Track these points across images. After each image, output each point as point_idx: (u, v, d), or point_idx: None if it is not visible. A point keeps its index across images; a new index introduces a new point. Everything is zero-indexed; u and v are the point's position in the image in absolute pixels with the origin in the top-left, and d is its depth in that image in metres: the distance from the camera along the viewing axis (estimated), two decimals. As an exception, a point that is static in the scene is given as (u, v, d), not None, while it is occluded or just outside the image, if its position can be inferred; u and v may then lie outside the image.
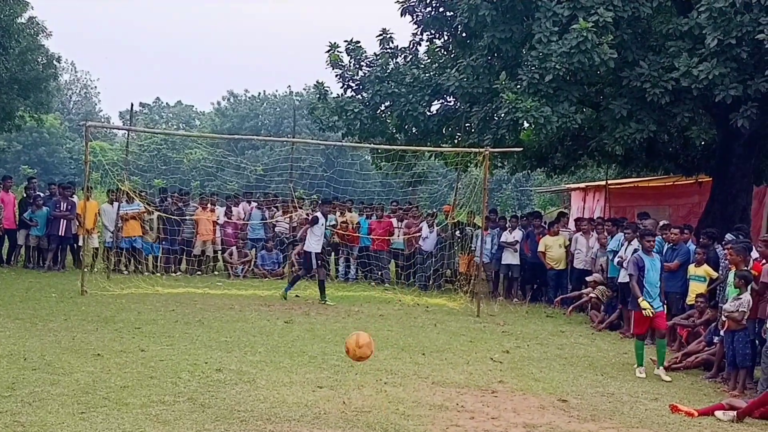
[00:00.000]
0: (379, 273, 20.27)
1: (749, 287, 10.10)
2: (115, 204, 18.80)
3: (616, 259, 14.53)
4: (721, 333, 10.47)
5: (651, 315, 10.53)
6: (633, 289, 10.79)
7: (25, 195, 19.77)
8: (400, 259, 20.43)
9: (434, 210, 21.41)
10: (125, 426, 6.84)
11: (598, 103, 17.29)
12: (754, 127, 15.70)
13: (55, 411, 7.18)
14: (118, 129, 53.13)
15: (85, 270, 16.25)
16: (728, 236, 12.06)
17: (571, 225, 19.40)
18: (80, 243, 18.30)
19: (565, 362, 11.13)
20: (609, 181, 24.36)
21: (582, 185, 27.98)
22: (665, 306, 11.61)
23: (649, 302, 10.52)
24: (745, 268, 10.38)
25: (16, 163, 59.57)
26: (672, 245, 12.96)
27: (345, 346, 7.71)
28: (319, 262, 16.21)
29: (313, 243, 16.06)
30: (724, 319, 10.23)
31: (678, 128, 16.61)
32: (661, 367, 10.61)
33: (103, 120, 73.94)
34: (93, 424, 6.86)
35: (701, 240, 13.20)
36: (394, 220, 20.70)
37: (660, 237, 13.31)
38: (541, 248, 17.88)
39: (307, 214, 20.29)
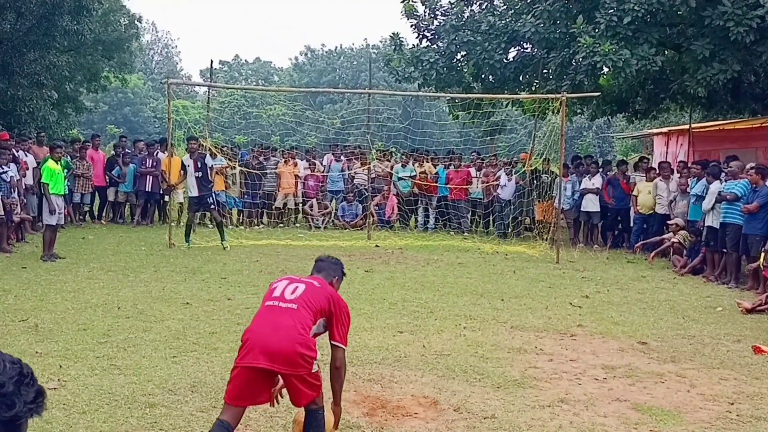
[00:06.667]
0: (458, 222, 20.35)
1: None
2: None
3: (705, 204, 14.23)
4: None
5: None
6: None
7: (114, 153, 20.46)
8: (479, 208, 20.47)
9: (512, 159, 21.29)
10: (215, 369, 7.14)
11: (679, 45, 16.84)
12: (843, 63, 15.12)
13: (148, 355, 7.54)
14: (199, 85, 53.95)
15: (172, 224, 16.79)
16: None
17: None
18: (166, 198, 18.89)
19: (645, 306, 11.08)
20: (693, 125, 23.75)
21: (665, 130, 27.30)
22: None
23: None
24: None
25: (102, 123, 61.34)
26: (754, 187, 12.65)
27: None
28: (194, 207, 16.21)
29: (190, 188, 16.01)
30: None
31: (764, 68, 16.09)
32: None
33: (184, 78, 75.26)
34: (184, 367, 7.18)
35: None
36: (472, 170, 20.68)
37: (747, 179, 13.03)
38: (635, 192, 17.62)
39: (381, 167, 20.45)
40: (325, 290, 5.12)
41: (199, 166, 15.83)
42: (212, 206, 16.36)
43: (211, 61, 19.92)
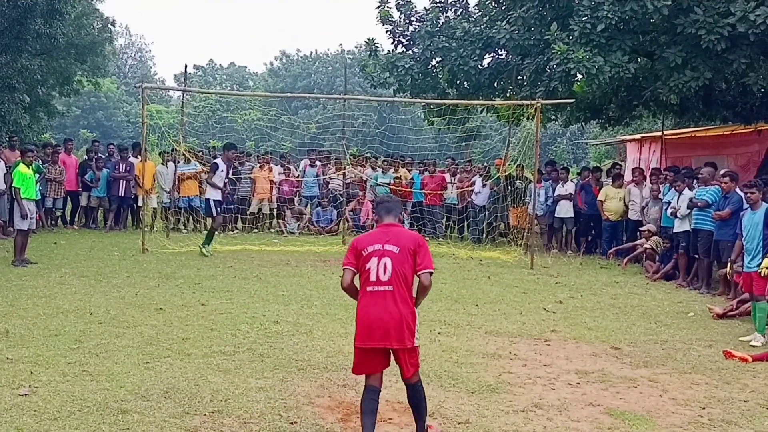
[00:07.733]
0: (433, 227, 20.38)
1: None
2: (170, 165, 19.24)
3: (669, 210, 14.42)
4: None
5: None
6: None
7: (86, 157, 20.30)
8: (453, 214, 20.52)
9: (487, 164, 21.37)
10: (188, 374, 7.10)
11: (651, 52, 16.97)
12: (814, 72, 15.28)
13: (121, 361, 7.48)
14: (173, 90, 53.74)
15: (146, 229, 16.69)
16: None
17: (628, 176, 19.22)
18: (140, 203, 18.78)
19: (618, 311, 11.16)
20: (665, 132, 23.99)
21: (638, 137, 27.56)
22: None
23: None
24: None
25: (75, 128, 60.81)
26: (725, 194, 12.74)
27: None
28: (218, 209, 15.84)
29: (212, 191, 15.64)
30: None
31: (735, 75, 16.19)
32: (756, 333, 9.60)
33: (158, 83, 74.87)
34: (157, 373, 7.13)
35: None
36: (447, 175, 20.72)
37: (717, 186, 13.13)
38: (601, 197, 17.73)
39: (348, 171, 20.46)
40: (404, 246, 5.69)
41: (230, 174, 16.18)
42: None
43: (186, 66, 19.90)
